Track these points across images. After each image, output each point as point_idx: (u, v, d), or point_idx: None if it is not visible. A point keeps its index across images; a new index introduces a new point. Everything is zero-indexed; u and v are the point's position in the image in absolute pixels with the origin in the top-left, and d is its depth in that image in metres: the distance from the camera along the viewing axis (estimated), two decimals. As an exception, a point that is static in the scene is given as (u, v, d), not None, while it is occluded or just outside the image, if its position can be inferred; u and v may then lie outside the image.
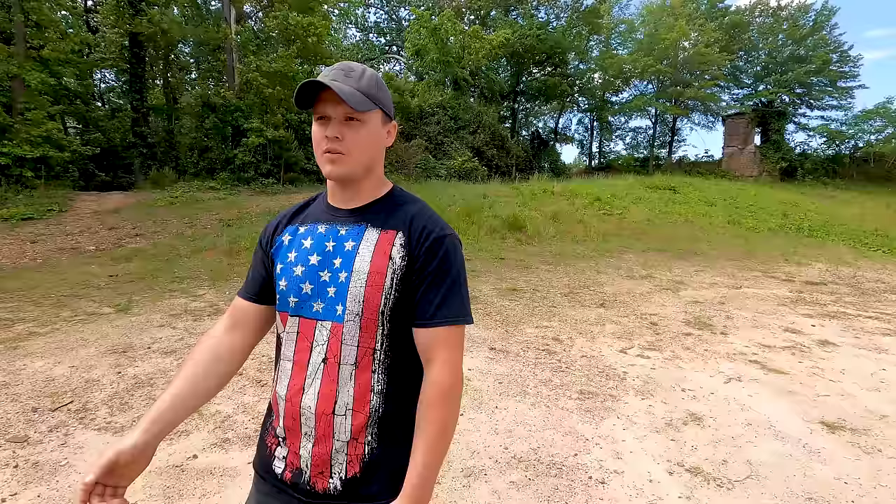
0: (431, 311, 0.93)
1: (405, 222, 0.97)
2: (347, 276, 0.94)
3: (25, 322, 4.58)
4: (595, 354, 4.15)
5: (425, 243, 0.95)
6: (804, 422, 3.06)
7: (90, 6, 18.24)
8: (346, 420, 0.93)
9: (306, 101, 0.95)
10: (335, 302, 0.95)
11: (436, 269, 0.94)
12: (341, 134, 0.93)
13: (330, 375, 0.94)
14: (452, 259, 0.96)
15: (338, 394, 0.93)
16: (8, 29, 12.62)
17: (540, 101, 28.45)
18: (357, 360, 0.94)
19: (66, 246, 8.40)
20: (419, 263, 0.94)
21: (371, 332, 0.94)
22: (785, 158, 23.50)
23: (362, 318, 0.93)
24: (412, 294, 0.95)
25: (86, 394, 3.15)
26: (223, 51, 16.31)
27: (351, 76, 0.94)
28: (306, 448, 0.95)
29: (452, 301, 0.95)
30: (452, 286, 0.95)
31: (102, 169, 15.55)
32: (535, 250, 9.19)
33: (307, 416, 0.94)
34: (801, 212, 14.94)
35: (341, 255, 0.97)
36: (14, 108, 12.15)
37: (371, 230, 0.98)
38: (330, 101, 0.93)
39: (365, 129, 0.95)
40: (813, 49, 24.08)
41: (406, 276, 0.94)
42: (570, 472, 2.46)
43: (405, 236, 0.96)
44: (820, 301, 6.33)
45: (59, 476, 2.30)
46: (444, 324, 0.93)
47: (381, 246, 0.95)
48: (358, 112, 0.93)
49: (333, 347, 0.94)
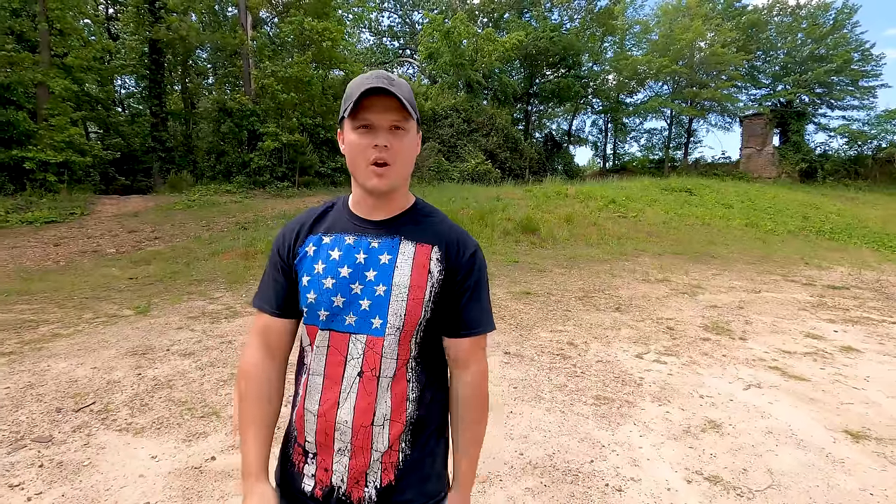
0: (473, 321, 0.99)
1: (438, 236, 0.99)
2: (387, 290, 0.94)
3: (49, 324, 4.69)
4: (610, 359, 4.11)
5: (462, 258, 0.99)
6: (827, 430, 2.99)
7: (111, 14, 18.68)
8: (384, 430, 0.94)
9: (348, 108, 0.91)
10: (370, 315, 0.94)
11: (474, 282, 1.00)
12: (390, 143, 0.91)
13: (366, 388, 0.93)
14: (483, 271, 1.03)
15: (376, 406, 0.94)
16: (33, 37, 12.99)
17: (553, 102, 28.33)
18: (395, 372, 0.95)
19: (88, 249, 8.60)
20: (459, 276, 0.98)
21: (407, 344, 0.95)
22: (805, 159, 23.06)
23: (402, 332, 0.93)
24: (451, 306, 0.98)
25: (107, 395, 3.22)
26: (239, 56, 16.57)
27: (393, 84, 0.90)
28: (341, 462, 0.94)
29: (486, 311, 1.02)
30: (485, 297, 1.03)
31: (122, 173, 15.91)
32: (548, 253, 9.14)
33: (342, 431, 0.94)
34: (821, 214, 14.64)
35: (375, 268, 0.96)
36: (39, 115, 12.49)
37: (406, 243, 0.97)
38: (376, 108, 0.89)
39: (408, 137, 0.94)
40: (833, 48, 23.60)
41: (444, 290, 0.97)
42: (586, 478, 2.44)
43: (441, 251, 0.98)
44: (842, 306, 6.19)
45: (82, 476, 2.35)
46: (481, 332, 1.00)
47: (419, 259, 0.96)
48: (405, 120, 0.91)
49: (370, 361, 0.93)
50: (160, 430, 2.79)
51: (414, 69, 27.61)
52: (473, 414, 1.02)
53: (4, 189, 11.44)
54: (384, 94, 0.88)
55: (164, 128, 15.91)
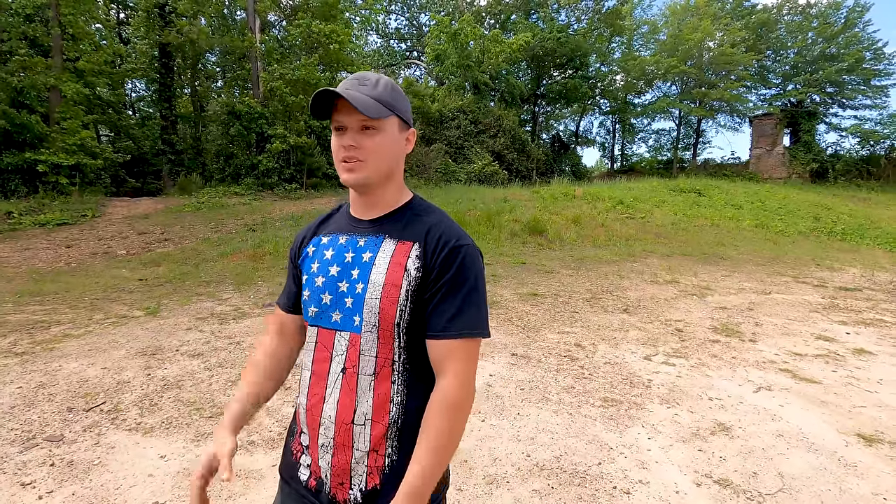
0: (444, 322, 0.91)
1: (422, 233, 0.96)
2: (364, 288, 0.94)
3: (61, 324, 4.75)
4: (618, 361, 4.08)
5: (441, 254, 0.93)
6: (839, 434, 2.95)
7: (122, 18, 18.92)
8: (366, 430, 0.93)
9: (323, 111, 0.95)
10: (353, 312, 0.95)
11: (451, 279, 0.92)
12: (357, 142, 0.93)
13: (349, 385, 0.94)
14: (469, 270, 0.93)
15: (357, 403, 0.94)
16: (46, 42, 13.18)
17: (561, 104, 28.28)
18: (376, 371, 0.94)
19: (99, 250, 8.70)
20: (434, 274, 0.93)
21: (388, 343, 0.94)
22: (816, 160, 22.82)
23: (379, 330, 0.93)
24: (427, 305, 0.93)
25: (117, 395, 3.25)
26: (248, 59, 16.72)
27: (366, 84, 0.94)
28: (325, 459, 0.96)
29: (468, 312, 0.91)
30: (468, 297, 0.92)
31: (133, 175, 16.09)
32: (556, 255, 9.11)
33: (326, 426, 0.95)
34: (833, 214, 14.46)
35: (359, 266, 0.97)
36: (51, 118, 12.68)
37: (388, 241, 0.97)
38: (345, 111, 0.93)
39: (381, 136, 0.94)
40: (845, 47, 23.33)
41: (421, 288, 0.93)
42: (593, 481, 2.42)
43: (421, 247, 0.95)
44: (855, 308, 6.11)
45: (92, 475, 2.37)
46: (457, 336, 0.90)
47: (396, 257, 0.95)
48: (372, 119, 0.92)
49: (352, 357, 0.95)
50: (169, 430, 2.81)
51: (421, 71, 27.69)
52: (431, 423, 0.89)
53: (18, 191, 11.62)
54: (342, 98, 0.90)
55: (174, 131, 16.09)
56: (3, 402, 3.10)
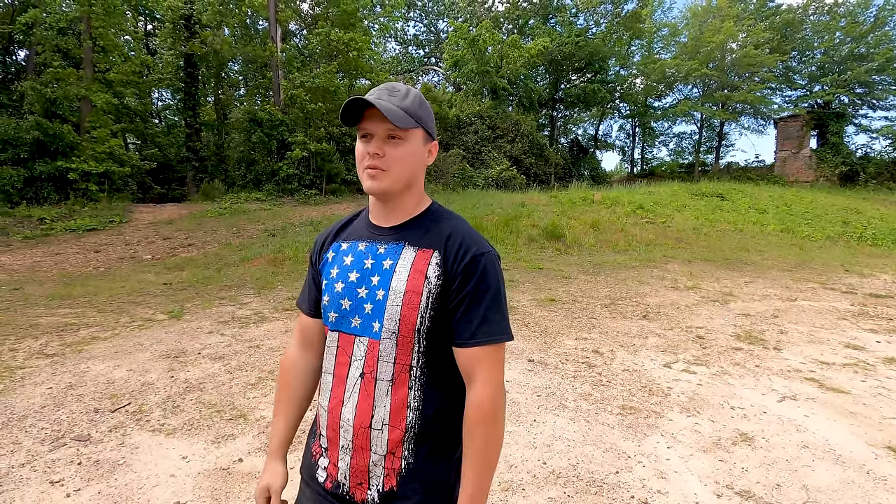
0: (472, 330, 0.93)
1: (441, 240, 0.98)
2: (385, 295, 0.96)
3: (89, 327, 4.90)
4: (637, 368, 4.02)
5: (462, 262, 0.95)
6: (868, 446, 2.85)
7: (149, 30, 19.51)
8: (383, 434, 0.95)
9: (351, 118, 0.97)
10: (372, 319, 0.97)
11: (474, 288, 0.94)
12: (382, 150, 0.95)
13: (367, 390, 0.96)
14: (490, 277, 0.95)
15: (374, 408, 0.96)
16: (78, 55, 13.69)
17: (579, 108, 28.12)
18: (393, 377, 0.95)
19: (126, 255, 8.95)
20: (456, 283, 0.94)
21: (407, 349, 0.95)
22: (845, 162, 22.14)
23: (398, 336, 0.95)
24: (450, 313, 0.95)
25: (142, 396, 3.34)
26: (269, 68, 17.06)
27: (395, 95, 0.96)
28: (344, 461, 0.99)
29: (492, 319, 0.94)
30: (492, 304, 0.94)
31: (158, 182, 16.53)
32: (574, 260, 9.03)
33: (346, 429, 0.98)
34: (863, 219, 14.01)
35: (379, 273, 0.98)
36: (81, 127, 13.14)
37: (408, 248, 0.99)
38: (373, 119, 0.95)
39: (406, 146, 0.97)
40: (875, 46, 22.65)
41: (442, 296, 0.95)
42: (611, 490, 2.39)
43: (441, 255, 0.96)
44: (886, 315, 5.90)
45: (117, 474, 2.44)
46: (484, 343, 0.93)
47: (417, 265, 0.96)
48: (399, 129, 0.95)
49: (370, 363, 0.97)
50: (191, 432, 2.87)
51: (439, 77, 27.84)
52: (474, 435, 0.92)
53: (50, 198, 12.05)
54: (371, 106, 0.93)
55: (198, 138, 16.50)
56: (35, 402, 3.21)
